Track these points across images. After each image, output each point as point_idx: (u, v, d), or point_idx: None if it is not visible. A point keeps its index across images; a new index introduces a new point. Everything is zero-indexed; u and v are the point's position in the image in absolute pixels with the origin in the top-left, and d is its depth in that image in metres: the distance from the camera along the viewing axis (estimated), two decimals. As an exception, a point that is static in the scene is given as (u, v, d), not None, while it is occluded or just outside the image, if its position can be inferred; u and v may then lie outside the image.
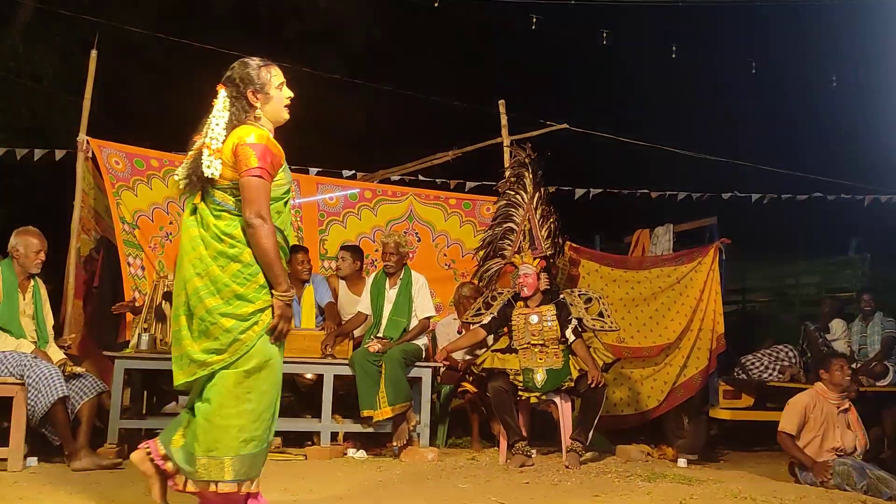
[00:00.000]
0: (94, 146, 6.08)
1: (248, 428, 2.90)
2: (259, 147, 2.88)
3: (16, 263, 4.72)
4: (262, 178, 2.87)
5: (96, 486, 3.92)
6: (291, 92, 3.11)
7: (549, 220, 5.76)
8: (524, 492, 4.17)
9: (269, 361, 2.93)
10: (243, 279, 2.88)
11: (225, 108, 2.99)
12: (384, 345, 5.47)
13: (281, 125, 3.11)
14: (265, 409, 2.95)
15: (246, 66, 3.04)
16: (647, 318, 6.53)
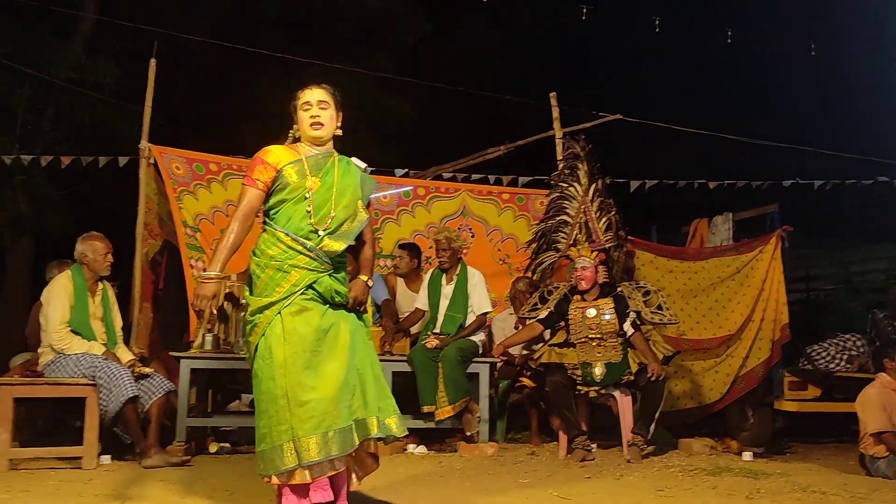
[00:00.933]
0: (156, 152, 6.25)
1: (258, 427, 3.11)
2: (253, 160, 3.27)
3: (85, 269, 4.88)
4: (247, 183, 3.24)
5: (167, 482, 4.03)
6: (316, 111, 3.32)
7: (609, 213, 5.69)
8: (586, 486, 4.14)
9: (267, 361, 3.11)
10: (253, 290, 3.22)
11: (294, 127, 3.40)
12: (441, 341, 5.50)
13: (315, 140, 3.33)
14: (264, 409, 3.09)
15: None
16: (706, 309, 6.42)
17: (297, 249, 3.17)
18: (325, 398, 3.05)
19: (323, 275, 3.21)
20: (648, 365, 5.14)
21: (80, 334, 4.74)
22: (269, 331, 3.12)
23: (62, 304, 4.70)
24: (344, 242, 3.27)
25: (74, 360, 4.64)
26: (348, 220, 3.28)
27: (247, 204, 3.21)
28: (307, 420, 3.01)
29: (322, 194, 3.24)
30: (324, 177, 3.26)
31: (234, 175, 6.52)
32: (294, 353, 3.08)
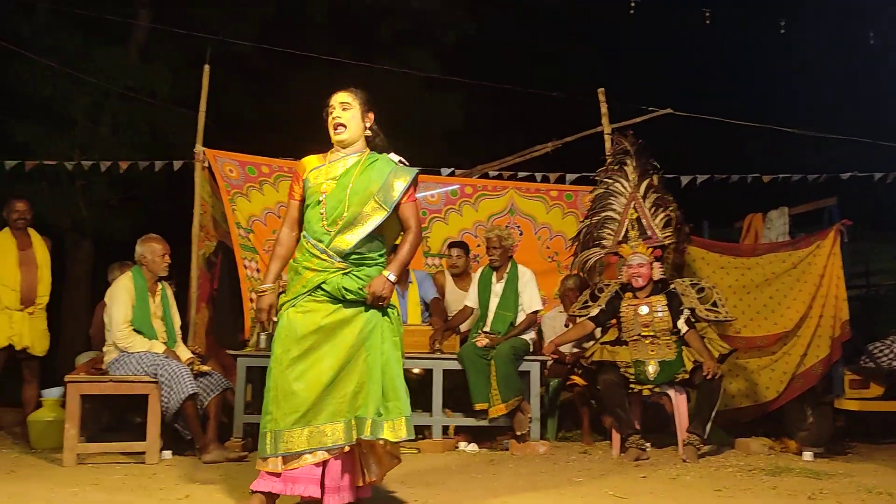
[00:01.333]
0: (210, 156, 6.38)
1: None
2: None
3: (145, 270, 5.03)
4: (287, 197, 3.51)
5: (225, 477, 4.12)
6: (337, 113, 3.43)
7: (668, 209, 5.61)
8: (642, 486, 4.11)
9: (271, 356, 3.30)
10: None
11: None
12: (491, 339, 5.51)
13: (338, 143, 3.44)
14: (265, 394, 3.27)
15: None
16: (760, 305, 6.29)
17: (312, 252, 3.29)
18: (310, 394, 3.17)
19: (334, 274, 3.26)
20: (704, 363, 5.07)
21: (141, 333, 4.88)
22: (277, 328, 3.31)
23: (125, 304, 4.85)
24: (353, 238, 3.28)
25: (137, 358, 4.78)
26: (360, 216, 3.30)
27: (287, 215, 3.46)
28: (290, 413, 3.16)
29: (336, 195, 3.31)
30: (342, 178, 3.33)
31: (284, 177, 6.62)
32: (286, 350, 3.22)
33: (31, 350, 5.77)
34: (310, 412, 3.17)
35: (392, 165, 3.40)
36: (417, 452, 5.22)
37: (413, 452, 5.21)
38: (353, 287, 3.26)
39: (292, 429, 3.15)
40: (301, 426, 3.16)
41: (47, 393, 5.58)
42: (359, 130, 3.43)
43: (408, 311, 6.15)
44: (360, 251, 3.31)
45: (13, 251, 5.76)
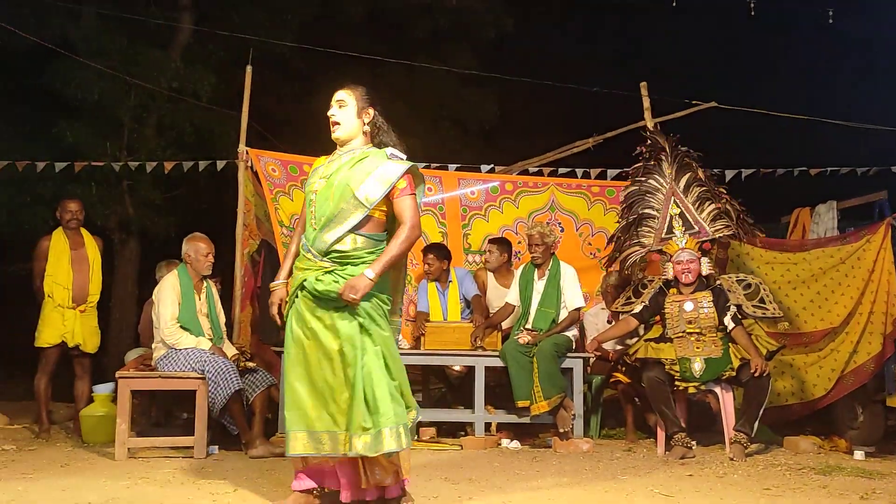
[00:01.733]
0: (253, 155, 6.46)
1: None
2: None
3: (189, 268, 5.12)
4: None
5: (271, 472, 4.18)
6: (333, 110, 3.44)
7: (720, 202, 5.50)
8: (688, 484, 4.06)
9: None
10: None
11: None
12: (533, 336, 5.49)
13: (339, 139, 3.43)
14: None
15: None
16: (807, 301, 6.17)
17: (301, 251, 3.36)
18: (308, 398, 3.22)
19: (315, 272, 3.24)
20: (751, 360, 4.99)
21: (188, 330, 4.97)
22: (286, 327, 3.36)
23: (171, 302, 4.95)
24: (332, 236, 3.22)
25: (184, 354, 4.87)
26: (340, 214, 3.24)
27: (300, 214, 3.51)
28: (295, 413, 3.24)
29: (324, 194, 3.29)
30: (331, 176, 3.31)
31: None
32: (287, 350, 3.33)
33: (83, 347, 5.90)
34: (308, 417, 3.21)
35: (383, 160, 3.31)
36: (460, 449, 5.23)
37: (456, 449, 5.23)
38: (322, 287, 3.20)
39: (297, 431, 3.22)
40: (303, 429, 3.21)
41: (98, 389, 5.71)
42: (354, 127, 3.39)
43: (448, 310, 6.16)
44: (341, 249, 3.24)
45: (66, 251, 5.90)
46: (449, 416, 5.83)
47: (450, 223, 6.88)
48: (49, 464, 4.51)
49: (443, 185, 6.96)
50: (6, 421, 6.46)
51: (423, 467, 4.41)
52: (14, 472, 4.19)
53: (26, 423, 6.28)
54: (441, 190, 6.93)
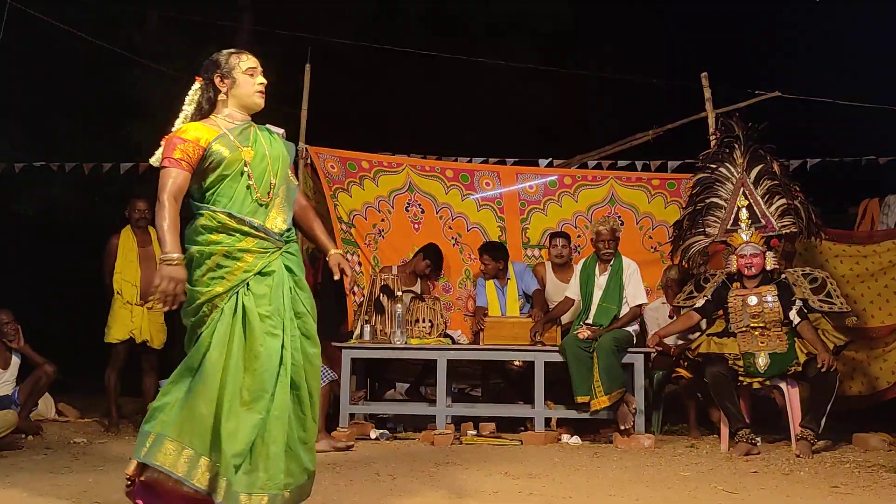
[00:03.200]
0: (312, 153, 6.57)
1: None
2: (169, 140, 2.96)
3: None
4: (168, 164, 2.91)
5: (333, 466, 4.24)
6: (262, 79, 3.10)
7: (789, 197, 5.37)
8: (753, 481, 3.98)
9: (203, 353, 2.87)
10: (195, 276, 2.92)
11: (192, 100, 3.11)
12: (593, 332, 5.45)
13: (258, 108, 3.10)
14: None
15: (217, 53, 3.12)
16: (874, 295, 5.98)
17: (245, 231, 2.93)
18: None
19: (274, 255, 2.97)
20: (818, 355, 4.86)
21: None
22: (222, 320, 2.89)
23: None
24: (287, 214, 3.05)
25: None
26: (287, 190, 3.08)
27: (173, 184, 2.88)
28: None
29: (257, 165, 3.00)
30: (254, 146, 3.02)
31: (384, 172, 6.75)
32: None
33: (150, 343, 6.08)
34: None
35: (280, 137, 3.19)
36: (520, 444, 5.23)
37: (515, 444, 5.23)
38: (295, 269, 3.01)
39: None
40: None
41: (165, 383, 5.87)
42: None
43: (507, 305, 6.16)
44: (289, 229, 3.07)
45: (134, 249, 6.09)
46: (509, 411, 5.84)
47: (508, 218, 6.87)
48: (118, 457, 4.65)
49: (501, 179, 6.96)
50: (77, 415, 6.70)
51: (482, 462, 4.43)
52: (85, 465, 4.35)
53: (96, 417, 6.50)
54: (499, 185, 6.93)
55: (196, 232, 2.95)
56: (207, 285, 2.90)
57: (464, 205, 6.83)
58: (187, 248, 2.93)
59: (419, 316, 5.78)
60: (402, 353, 5.77)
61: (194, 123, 3.02)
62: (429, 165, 6.98)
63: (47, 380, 5.78)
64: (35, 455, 4.74)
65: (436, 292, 6.48)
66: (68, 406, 6.80)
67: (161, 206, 2.87)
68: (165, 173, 2.90)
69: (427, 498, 3.47)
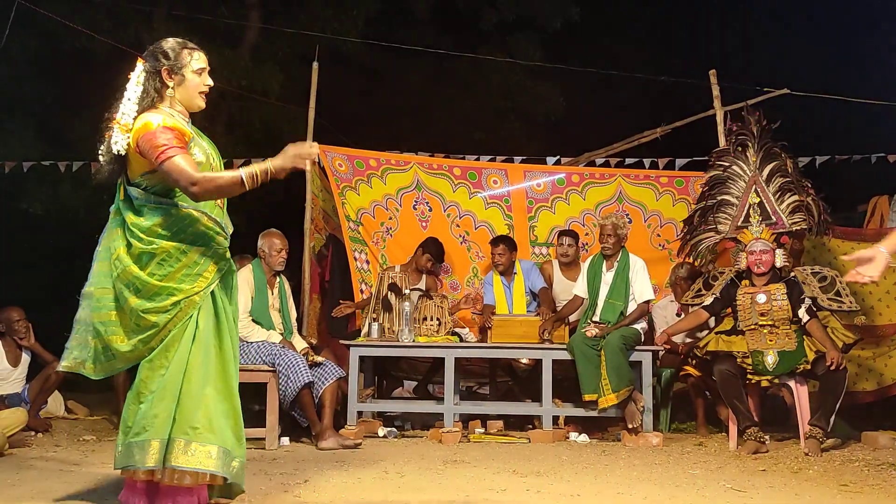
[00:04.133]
0: (320, 151, 6.55)
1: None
2: (156, 132, 2.82)
3: (263, 263, 5.25)
4: (174, 153, 2.80)
5: (341, 464, 4.25)
6: (212, 81, 3.05)
7: (801, 195, 5.35)
8: (762, 479, 3.97)
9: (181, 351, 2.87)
10: (163, 272, 2.87)
11: (139, 83, 2.96)
12: (601, 329, 5.44)
13: (198, 109, 3.07)
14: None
15: (167, 43, 2.99)
16: (882, 293, 5.95)
17: (216, 231, 2.95)
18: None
19: (228, 254, 3.02)
20: (827, 353, 4.84)
21: (260, 324, 5.10)
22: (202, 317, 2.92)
23: (245, 295, 5.08)
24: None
25: (255, 347, 5.00)
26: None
27: (192, 163, 2.83)
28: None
29: (216, 167, 3.01)
30: (208, 146, 3.02)
31: (392, 170, 6.76)
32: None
33: (160, 340, 6.09)
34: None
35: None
36: (528, 442, 5.23)
37: (523, 442, 5.23)
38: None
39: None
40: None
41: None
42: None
43: (514, 303, 6.16)
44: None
45: (142, 247, 6.10)
46: (516, 409, 5.84)
47: (516, 215, 6.87)
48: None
49: (508, 177, 6.95)
50: (86, 412, 6.73)
51: (490, 460, 4.43)
52: (94, 462, 4.36)
53: (105, 415, 6.53)
54: (507, 182, 6.93)
55: (165, 227, 2.88)
56: (181, 282, 2.87)
57: (471, 203, 6.84)
58: (152, 242, 2.86)
59: (427, 314, 5.78)
60: (409, 351, 5.77)
61: (158, 115, 2.88)
62: (437, 163, 6.99)
63: (57, 377, 5.80)
64: (44, 452, 4.76)
65: (444, 290, 6.48)
66: (78, 404, 6.82)
67: (203, 184, 2.79)
68: (178, 159, 2.79)
69: (435, 496, 3.47)
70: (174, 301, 2.87)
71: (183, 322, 2.88)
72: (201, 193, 2.83)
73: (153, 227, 2.89)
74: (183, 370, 2.87)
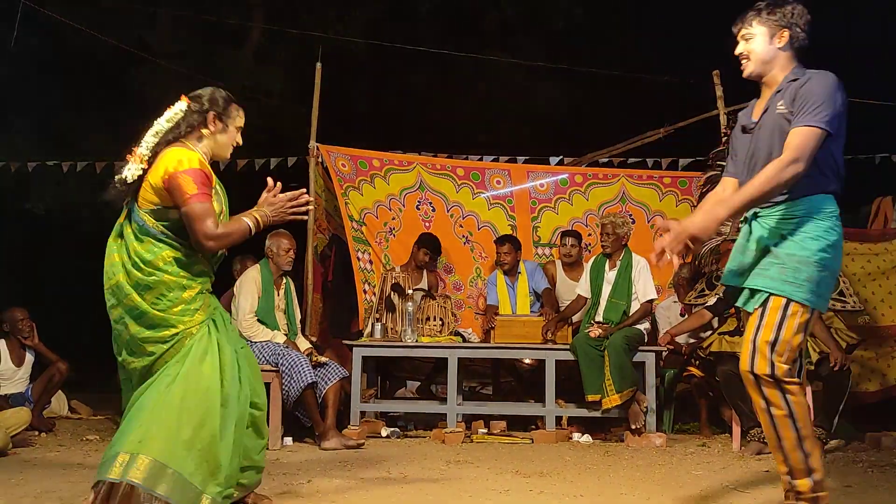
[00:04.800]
0: (323, 151, 6.58)
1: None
2: (196, 172, 2.87)
3: (271, 262, 5.25)
4: (204, 201, 2.86)
5: (344, 464, 4.26)
6: (241, 141, 3.17)
7: None
8: (764, 480, 3.96)
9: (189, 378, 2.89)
10: (164, 305, 2.89)
11: (172, 119, 3.01)
12: (604, 329, 5.43)
13: (222, 161, 3.22)
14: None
15: (220, 92, 3.11)
16: (885, 293, 5.93)
17: (208, 272, 3.03)
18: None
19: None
20: (831, 354, 4.84)
21: (265, 324, 5.11)
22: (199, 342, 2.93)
23: (251, 295, 5.09)
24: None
25: (259, 347, 5.00)
26: None
27: (214, 219, 2.87)
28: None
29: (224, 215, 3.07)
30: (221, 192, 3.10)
31: (395, 170, 6.76)
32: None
33: (163, 340, 6.10)
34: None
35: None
36: (531, 443, 5.23)
37: (526, 443, 5.23)
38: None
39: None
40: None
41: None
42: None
43: (517, 303, 6.15)
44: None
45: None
46: (519, 409, 5.83)
47: (519, 216, 6.87)
48: (132, 453, 4.69)
49: (511, 177, 6.95)
50: (90, 412, 6.74)
51: (493, 461, 4.44)
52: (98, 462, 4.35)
53: (109, 414, 6.54)
54: (510, 183, 6.92)
55: (167, 261, 2.89)
56: (183, 314, 2.90)
57: (475, 203, 6.84)
58: (152, 274, 2.87)
59: (430, 314, 5.78)
60: (412, 351, 5.77)
61: (195, 154, 2.94)
62: (440, 164, 6.99)
63: (60, 377, 5.82)
64: (48, 452, 4.77)
65: (447, 290, 6.49)
66: (81, 403, 6.84)
67: (220, 240, 2.87)
68: (205, 208, 2.84)
69: (438, 496, 3.48)
70: (172, 333, 2.89)
71: (181, 353, 2.89)
72: (214, 248, 2.91)
73: (155, 259, 2.89)
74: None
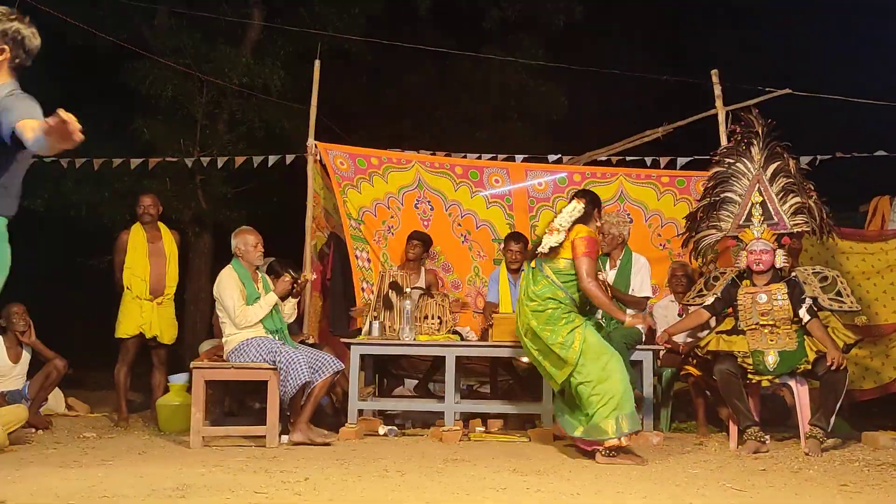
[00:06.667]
0: (321, 149, 6.57)
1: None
2: (588, 239, 4.55)
3: (242, 260, 5.21)
4: (588, 256, 4.49)
5: (342, 462, 4.26)
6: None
7: (803, 196, 5.35)
8: (762, 479, 3.97)
9: (588, 345, 4.45)
10: (554, 320, 4.51)
11: (573, 215, 4.61)
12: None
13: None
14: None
15: (601, 207, 4.87)
16: (879, 292, 5.95)
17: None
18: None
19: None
20: (828, 353, 4.83)
21: None
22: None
23: (234, 291, 5.05)
24: None
25: (256, 346, 4.98)
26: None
27: (593, 269, 4.60)
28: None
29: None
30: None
31: (393, 168, 6.75)
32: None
33: (160, 338, 6.11)
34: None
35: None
36: (528, 441, 5.23)
37: (523, 441, 5.23)
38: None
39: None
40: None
41: (173, 379, 5.89)
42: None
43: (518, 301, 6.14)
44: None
45: (144, 244, 6.11)
46: (517, 407, 5.82)
47: (517, 215, 6.86)
48: (127, 451, 4.70)
49: (510, 176, 6.94)
50: (87, 409, 6.74)
51: (490, 459, 4.44)
52: (94, 459, 4.37)
53: (106, 412, 6.54)
54: (508, 182, 6.92)
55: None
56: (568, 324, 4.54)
57: (473, 202, 6.83)
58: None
59: (428, 312, 5.78)
60: (410, 349, 5.77)
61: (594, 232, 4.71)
62: (438, 162, 6.98)
63: (57, 374, 5.81)
64: (45, 449, 4.77)
65: (445, 289, 6.48)
66: (78, 401, 6.84)
67: (592, 285, 4.51)
68: (587, 261, 4.54)
69: (435, 494, 3.48)
70: (567, 331, 4.55)
71: (580, 339, 4.52)
72: (588, 291, 4.59)
73: (545, 293, 4.63)
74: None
